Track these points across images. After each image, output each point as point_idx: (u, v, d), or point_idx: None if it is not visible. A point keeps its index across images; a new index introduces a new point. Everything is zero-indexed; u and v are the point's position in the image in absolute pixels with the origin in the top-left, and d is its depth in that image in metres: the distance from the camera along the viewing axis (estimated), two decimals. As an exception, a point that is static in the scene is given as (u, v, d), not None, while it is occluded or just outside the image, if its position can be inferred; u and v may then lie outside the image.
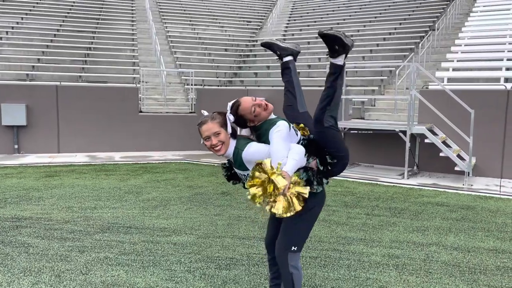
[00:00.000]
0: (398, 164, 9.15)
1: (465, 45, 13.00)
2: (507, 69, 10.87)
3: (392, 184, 7.64)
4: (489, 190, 7.25)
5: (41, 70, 13.47)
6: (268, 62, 16.23)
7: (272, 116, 2.83)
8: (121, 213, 5.64)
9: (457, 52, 12.59)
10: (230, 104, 2.85)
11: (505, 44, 12.32)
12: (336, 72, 2.68)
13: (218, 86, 14.96)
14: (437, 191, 7.13)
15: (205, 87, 12.85)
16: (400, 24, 16.74)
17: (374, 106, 10.86)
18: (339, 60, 2.67)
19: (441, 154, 7.95)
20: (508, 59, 11.35)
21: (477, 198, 6.69)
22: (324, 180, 2.77)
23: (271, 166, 2.49)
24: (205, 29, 19.72)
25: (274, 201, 2.51)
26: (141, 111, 11.50)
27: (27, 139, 10.38)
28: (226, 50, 17.87)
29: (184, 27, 19.43)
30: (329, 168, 2.74)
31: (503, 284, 3.66)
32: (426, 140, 8.20)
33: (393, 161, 9.25)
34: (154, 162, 9.69)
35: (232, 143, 2.72)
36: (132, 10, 20.28)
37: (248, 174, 2.65)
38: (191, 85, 12.69)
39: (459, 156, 8.20)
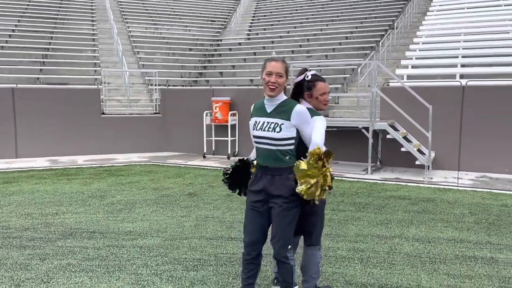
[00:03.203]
0: (362, 160, 9.36)
1: (422, 43, 13.44)
2: (462, 65, 11.33)
3: (356, 180, 7.81)
4: (447, 183, 7.54)
5: (-4, 72, 12.91)
6: (233, 61, 16.22)
7: None
8: (85, 218, 5.49)
9: (416, 50, 13.00)
10: (310, 73, 3.00)
11: (460, 42, 12.83)
12: None
13: (183, 86, 14.81)
14: (399, 185, 7.34)
15: (169, 87, 12.69)
16: (361, 23, 17.12)
17: (338, 103, 11.06)
18: None
19: (402, 149, 8.20)
20: (463, 56, 11.82)
21: (436, 190, 6.94)
22: None
23: (324, 160, 2.66)
24: (169, 28, 19.48)
25: (311, 186, 2.65)
26: (103, 113, 11.23)
27: (-18, 145, 9.93)
28: (190, 49, 17.72)
29: (147, 26, 19.11)
30: None
31: (461, 272, 3.81)
32: (388, 136, 8.43)
33: (357, 157, 9.46)
34: (118, 164, 9.49)
35: (283, 94, 2.80)
36: (92, 9, 19.76)
37: (277, 123, 2.73)
38: (155, 85, 12.51)
39: (419, 150, 8.48)
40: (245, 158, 3.08)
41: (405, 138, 8.66)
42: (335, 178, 7.94)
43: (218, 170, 8.84)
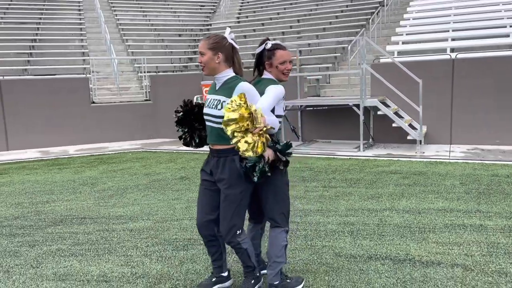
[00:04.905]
0: (354, 138, 9.35)
1: (413, 19, 13.33)
2: (453, 39, 11.25)
3: (348, 157, 7.80)
4: (439, 156, 7.54)
5: (-17, 65, 12.75)
6: (223, 45, 16.03)
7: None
8: (75, 205, 5.47)
9: (406, 26, 12.90)
10: (271, 42, 2.84)
11: (450, 16, 12.72)
12: None
13: (173, 72, 14.68)
14: (391, 160, 7.34)
15: (159, 73, 12.58)
16: (351, 1, 16.93)
17: (329, 83, 10.99)
18: None
19: (393, 125, 8.18)
20: (453, 30, 11.73)
21: (428, 164, 6.95)
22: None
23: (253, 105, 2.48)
24: (157, 15, 19.23)
25: (243, 137, 2.45)
26: (93, 102, 11.14)
27: (-28, 138, 9.85)
28: (179, 35, 17.52)
29: (135, 14, 18.86)
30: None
31: (450, 240, 3.82)
32: (379, 112, 8.40)
33: (350, 136, 9.44)
34: (110, 153, 9.44)
35: (229, 70, 2.68)
36: (78, -2, 19.46)
37: (220, 100, 2.61)
38: (144, 72, 12.39)
39: (411, 125, 8.47)
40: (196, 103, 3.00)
41: (396, 114, 8.63)
42: (328, 157, 7.93)
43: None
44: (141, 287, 3.18)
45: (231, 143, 2.42)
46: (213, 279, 2.95)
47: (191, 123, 2.95)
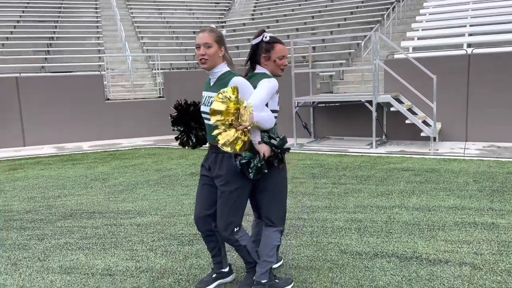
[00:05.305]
0: (367, 135, 9.24)
1: (429, 14, 13.08)
2: (470, 34, 11.00)
3: (360, 154, 7.70)
4: (453, 153, 7.39)
5: (1, 63, 13.01)
6: (238, 42, 16.05)
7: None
8: (86, 199, 5.53)
9: (422, 21, 12.67)
10: (267, 35, 2.76)
11: (468, 10, 12.45)
12: None
13: (187, 69, 14.74)
14: (403, 158, 7.22)
15: (172, 70, 12.64)
16: (367, -3, 16.72)
17: (343, 79, 10.88)
18: None
19: (407, 121, 8.04)
20: (471, 25, 11.48)
21: (441, 161, 6.81)
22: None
23: (244, 100, 2.44)
24: (173, 13, 19.33)
25: (225, 130, 2.42)
26: (108, 99, 11.26)
27: (-10, 134, 10.07)
28: (194, 32, 17.57)
29: (151, 11, 19.00)
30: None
31: (460, 238, 3.73)
32: (392, 109, 8.27)
33: (363, 132, 9.33)
34: (123, 149, 9.53)
35: (224, 65, 2.63)
36: (95, -3, 19.69)
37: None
38: (157, 69, 12.47)
39: (425, 122, 8.32)
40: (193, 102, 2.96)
41: (410, 110, 8.49)
42: (339, 154, 7.85)
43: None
44: (144, 281, 3.19)
45: (212, 134, 2.39)
46: (214, 275, 2.94)
47: (187, 122, 2.92)
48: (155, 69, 13.58)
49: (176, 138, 2.97)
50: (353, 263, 3.34)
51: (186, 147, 2.94)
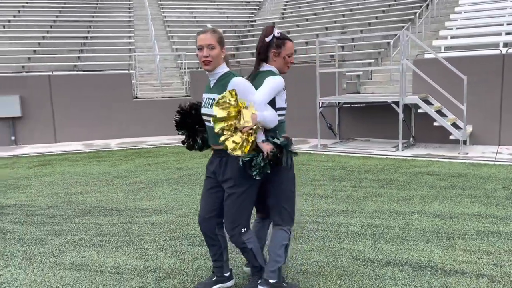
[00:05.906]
0: (394, 137, 8.98)
1: (465, 12, 12.59)
2: (507, 33, 10.51)
3: (385, 157, 7.49)
4: (484, 158, 7.06)
5: (37, 61, 13.49)
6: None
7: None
8: (105, 196, 5.63)
9: (457, 20, 12.21)
10: (277, 31, 2.71)
11: (506, 8, 11.90)
12: None
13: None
14: (430, 161, 6.97)
15: (199, 69, 12.73)
16: (400, -5, 16.28)
17: (371, 79, 10.63)
18: None
19: (435, 124, 7.76)
20: (508, 24, 10.96)
21: (470, 166, 6.52)
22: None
23: (244, 101, 2.42)
24: (203, 12, 19.49)
25: (231, 135, 2.43)
26: (136, 97, 11.46)
27: (23, 130, 10.45)
28: (224, 32, 17.60)
29: (182, 11, 19.23)
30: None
31: (480, 248, 3.54)
32: (419, 110, 8.00)
33: (389, 134, 9.08)
34: (148, 147, 9.67)
35: (224, 66, 2.60)
36: (129, -3, 20.12)
37: (214, 99, 2.56)
38: (185, 68, 12.59)
39: (455, 125, 8.00)
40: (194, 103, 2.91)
41: (439, 112, 8.19)
42: (363, 156, 7.66)
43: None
44: (150, 281, 3.20)
45: (220, 141, 2.37)
46: (214, 278, 2.91)
47: (191, 126, 2.90)
48: (182, 68, 13.72)
49: (183, 142, 2.97)
50: (364, 271, 3.23)
51: (193, 150, 2.94)
